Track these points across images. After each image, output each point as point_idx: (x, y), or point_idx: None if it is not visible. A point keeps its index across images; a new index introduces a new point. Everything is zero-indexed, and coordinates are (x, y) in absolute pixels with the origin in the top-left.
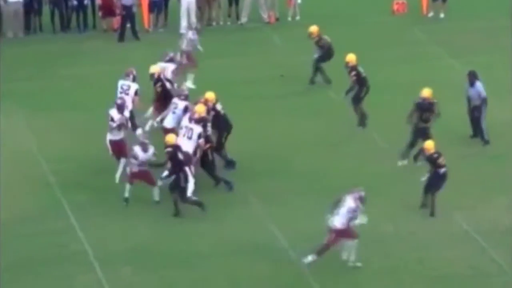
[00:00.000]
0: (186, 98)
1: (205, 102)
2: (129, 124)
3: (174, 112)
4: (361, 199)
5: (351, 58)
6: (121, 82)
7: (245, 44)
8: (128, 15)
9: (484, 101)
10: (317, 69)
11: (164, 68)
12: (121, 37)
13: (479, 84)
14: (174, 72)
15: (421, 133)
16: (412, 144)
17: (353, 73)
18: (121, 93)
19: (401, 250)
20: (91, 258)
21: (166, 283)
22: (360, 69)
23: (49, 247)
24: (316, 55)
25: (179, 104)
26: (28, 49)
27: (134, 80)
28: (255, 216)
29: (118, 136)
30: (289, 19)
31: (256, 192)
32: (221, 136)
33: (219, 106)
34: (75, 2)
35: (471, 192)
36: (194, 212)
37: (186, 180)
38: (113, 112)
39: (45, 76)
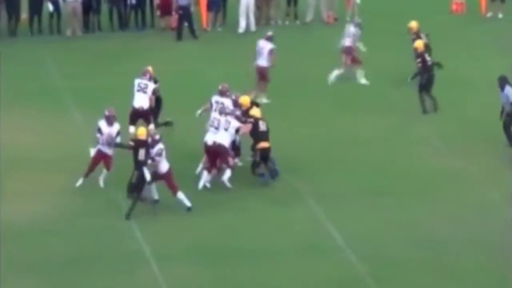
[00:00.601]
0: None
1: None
2: (117, 140)
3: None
4: None
5: (419, 44)
6: (137, 81)
7: (302, 43)
8: (185, 14)
9: None
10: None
11: (261, 48)
12: (179, 36)
13: (508, 89)
14: (270, 53)
15: None
16: None
17: (419, 59)
18: (138, 91)
19: (461, 250)
20: (148, 255)
21: (223, 281)
22: (427, 57)
23: (106, 244)
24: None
25: (224, 102)
26: (87, 48)
27: (150, 79)
28: (312, 215)
29: (107, 150)
30: (348, 19)
31: (314, 191)
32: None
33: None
34: (133, 1)
35: None
36: (251, 210)
37: (140, 180)
38: (102, 124)
39: (103, 74)
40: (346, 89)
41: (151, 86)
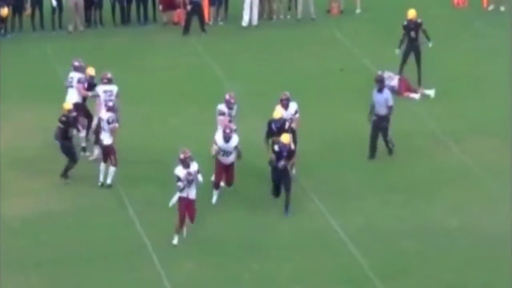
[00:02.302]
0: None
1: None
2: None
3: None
4: None
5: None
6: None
7: (305, 37)
8: (196, 8)
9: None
10: None
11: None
12: (186, 31)
13: (387, 91)
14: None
15: None
16: None
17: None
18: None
19: (466, 244)
20: (151, 251)
21: (226, 276)
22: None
23: (108, 240)
24: None
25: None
26: (89, 43)
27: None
28: (318, 210)
29: (190, 195)
30: (357, 11)
31: (320, 187)
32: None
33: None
34: None
35: None
36: (256, 206)
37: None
38: (179, 170)
39: (105, 69)
40: (352, 85)
41: (76, 76)
